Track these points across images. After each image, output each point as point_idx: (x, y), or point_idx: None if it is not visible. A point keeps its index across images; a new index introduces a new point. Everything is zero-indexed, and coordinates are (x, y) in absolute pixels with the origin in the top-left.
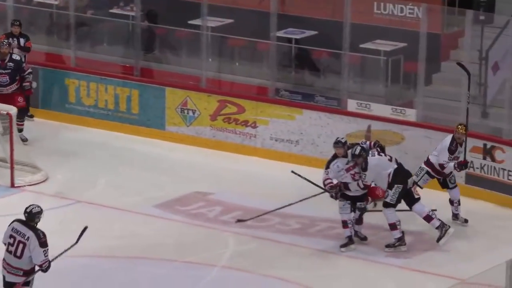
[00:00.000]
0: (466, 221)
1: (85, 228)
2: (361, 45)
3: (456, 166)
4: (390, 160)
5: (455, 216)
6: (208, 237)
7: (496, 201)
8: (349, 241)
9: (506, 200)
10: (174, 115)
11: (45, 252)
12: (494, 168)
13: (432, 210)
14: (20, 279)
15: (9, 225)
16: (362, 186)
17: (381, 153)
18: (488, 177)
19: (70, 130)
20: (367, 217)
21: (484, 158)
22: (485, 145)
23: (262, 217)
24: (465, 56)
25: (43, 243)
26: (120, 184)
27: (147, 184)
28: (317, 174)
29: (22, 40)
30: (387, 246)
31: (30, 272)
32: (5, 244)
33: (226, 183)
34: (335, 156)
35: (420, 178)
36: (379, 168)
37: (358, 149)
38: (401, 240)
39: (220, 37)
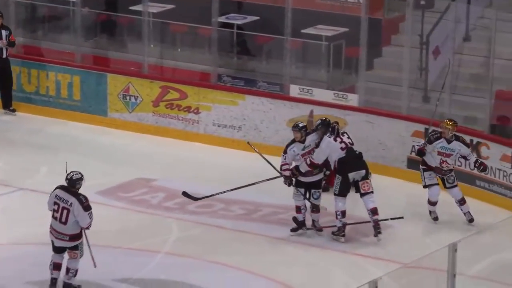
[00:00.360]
0: (470, 220)
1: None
2: (303, 31)
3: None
4: (343, 149)
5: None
6: (151, 223)
7: (440, 185)
8: (300, 226)
9: None
10: (116, 101)
11: (89, 214)
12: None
13: (397, 218)
14: (68, 244)
15: (52, 192)
16: (309, 163)
17: (337, 138)
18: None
19: (11, 117)
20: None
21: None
22: (426, 129)
23: (206, 202)
24: (406, 41)
25: (86, 207)
26: (62, 171)
27: (90, 171)
28: (260, 160)
29: (4, 33)
30: (332, 232)
31: (76, 237)
32: (50, 211)
33: (169, 169)
34: (293, 141)
35: (422, 177)
36: (329, 151)
37: (318, 122)
38: (339, 231)
39: (162, 23)
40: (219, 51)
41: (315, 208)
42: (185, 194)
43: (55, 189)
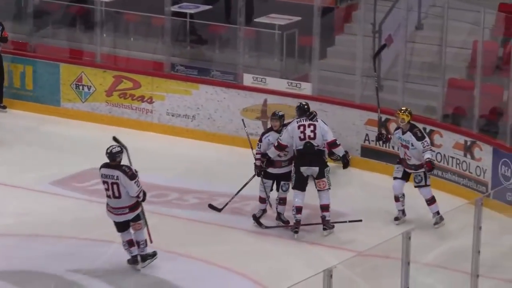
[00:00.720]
0: (435, 223)
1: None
2: (256, 20)
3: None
4: (301, 139)
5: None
6: (106, 213)
7: (391, 173)
8: (259, 224)
9: None
10: (69, 91)
11: (136, 182)
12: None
13: (356, 221)
14: (129, 216)
15: (99, 174)
16: (276, 144)
17: (301, 127)
18: (383, 150)
19: None
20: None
21: (379, 131)
22: (380, 117)
23: (160, 192)
24: (359, 30)
25: (131, 176)
26: (15, 162)
27: (43, 161)
28: (214, 149)
29: None
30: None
31: (134, 206)
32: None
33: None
34: (269, 130)
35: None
36: (291, 134)
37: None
38: (293, 226)
39: (114, 12)
40: (172, 40)
41: (282, 201)
42: (211, 206)
43: (100, 168)
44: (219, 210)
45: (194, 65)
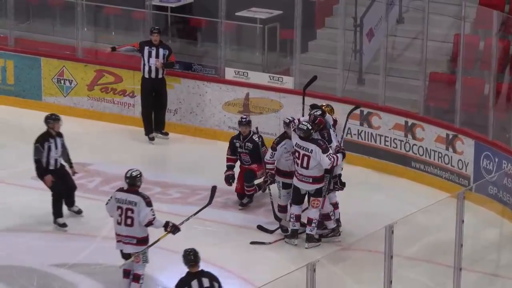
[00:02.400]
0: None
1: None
2: (237, 13)
3: None
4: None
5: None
6: (88, 208)
7: (373, 166)
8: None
9: (383, 166)
10: (51, 85)
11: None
12: (371, 134)
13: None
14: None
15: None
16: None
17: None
18: (365, 143)
19: None
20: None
21: (361, 125)
22: (361, 111)
23: (143, 187)
24: (340, 23)
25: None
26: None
27: (25, 156)
28: (196, 143)
29: (162, 51)
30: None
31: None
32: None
33: (105, 153)
34: (283, 137)
35: None
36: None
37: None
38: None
39: (95, 6)
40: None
41: (282, 208)
42: (260, 227)
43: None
44: (270, 232)
45: (175, 59)
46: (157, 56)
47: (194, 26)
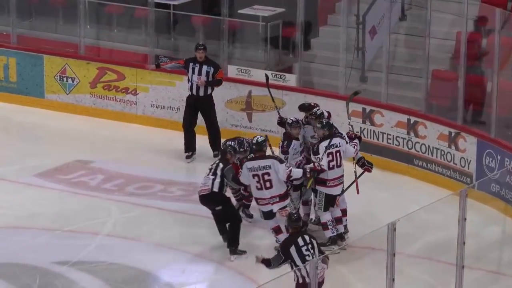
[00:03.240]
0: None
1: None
2: (240, 11)
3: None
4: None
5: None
6: (90, 205)
7: (376, 164)
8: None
9: (385, 164)
10: (53, 83)
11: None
12: (374, 131)
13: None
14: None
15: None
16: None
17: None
18: (368, 141)
19: None
20: None
21: (364, 122)
22: (364, 109)
23: (145, 184)
24: (343, 21)
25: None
26: (0, 154)
27: (27, 153)
28: (199, 141)
29: (205, 68)
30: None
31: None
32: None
33: (107, 151)
34: (290, 140)
35: None
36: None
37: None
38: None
39: (97, 3)
40: (155, 32)
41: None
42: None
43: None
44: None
45: (178, 57)
46: (199, 73)
47: (197, 24)
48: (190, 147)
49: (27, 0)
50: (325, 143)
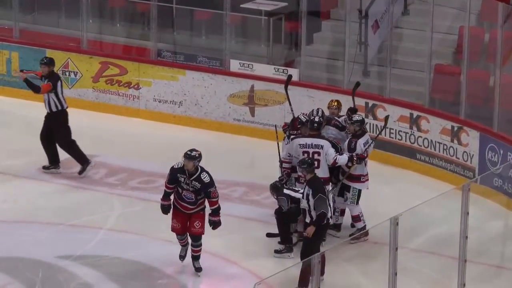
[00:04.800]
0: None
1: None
2: (242, 5)
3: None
4: None
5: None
6: (93, 199)
7: (378, 159)
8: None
9: (388, 158)
10: None
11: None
12: (376, 126)
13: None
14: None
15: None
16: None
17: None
18: (370, 135)
19: None
20: None
21: (366, 117)
22: (367, 103)
23: (148, 179)
24: (345, 15)
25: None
26: (3, 148)
27: (30, 148)
28: (201, 135)
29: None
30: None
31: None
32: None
33: (110, 145)
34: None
35: None
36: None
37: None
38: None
39: None
40: (158, 26)
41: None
42: (269, 235)
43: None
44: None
45: (180, 51)
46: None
47: (199, 18)
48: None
49: None
50: (363, 140)
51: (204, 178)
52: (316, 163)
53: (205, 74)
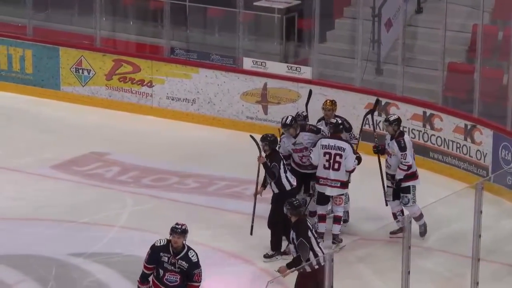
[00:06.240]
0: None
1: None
2: (255, 3)
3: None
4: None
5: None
6: (106, 197)
7: None
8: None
9: None
10: (69, 75)
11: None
12: None
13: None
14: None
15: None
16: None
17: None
18: (383, 133)
19: None
20: None
21: (379, 115)
22: (379, 101)
23: (161, 176)
24: (358, 13)
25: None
26: (15, 146)
27: (43, 145)
28: (214, 133)
29: None
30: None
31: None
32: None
33: (123, 143)
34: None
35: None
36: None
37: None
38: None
39: None
40: (171, 24)
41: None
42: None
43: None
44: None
45: (193, 49)
46: None
47: (213, 16)
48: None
49: None
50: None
51: (192, 257)
52: (336, 165)
53: (218, 72)
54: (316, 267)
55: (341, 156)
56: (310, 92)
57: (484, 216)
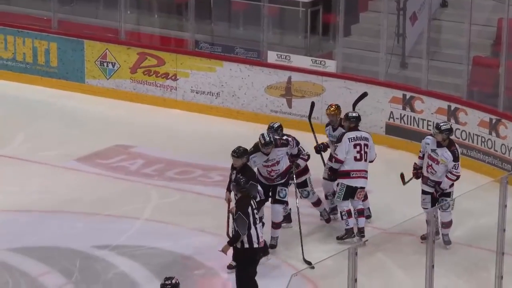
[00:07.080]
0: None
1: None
2: None
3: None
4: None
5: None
6: (130, 190)
7: (416, 151)
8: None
9: None
10: (94, 68)
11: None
12: (414, 118)
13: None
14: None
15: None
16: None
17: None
18: (408, 127)
19: None
20: None
21: (404, 109)
22: (404, 95)
23: (185, 169)
24: (383, 7)
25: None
26: (40, 138)
27: (68, 138)
28: (238, 127)
29: None
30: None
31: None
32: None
33: (147, 136)
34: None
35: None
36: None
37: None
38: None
39: None
40: (196, 17)
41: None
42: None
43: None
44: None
45: (218, 42)
46: None
47: (237, 9)
48: None
49: None
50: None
51: None
52: (365, 155)
53: (242, 65)
54: (255, 245)
55: (367, 146)
56: (313, 104)
57: (508, 210)
